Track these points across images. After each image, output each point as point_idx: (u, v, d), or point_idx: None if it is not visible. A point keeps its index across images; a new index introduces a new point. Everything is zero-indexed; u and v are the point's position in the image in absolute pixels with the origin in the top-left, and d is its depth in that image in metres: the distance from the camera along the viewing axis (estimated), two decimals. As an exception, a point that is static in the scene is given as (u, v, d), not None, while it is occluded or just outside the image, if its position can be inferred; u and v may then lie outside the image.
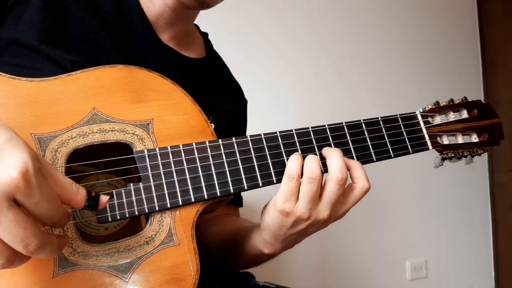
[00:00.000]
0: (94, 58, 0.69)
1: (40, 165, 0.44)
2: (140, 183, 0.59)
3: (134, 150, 0.61)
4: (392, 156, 0.73)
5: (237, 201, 0.95)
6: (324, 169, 0.65)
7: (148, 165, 0.60)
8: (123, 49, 0.74)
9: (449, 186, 2.21)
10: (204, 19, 0.98)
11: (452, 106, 0.78)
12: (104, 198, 0.51)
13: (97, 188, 0.66)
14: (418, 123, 0.76)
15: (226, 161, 0.64)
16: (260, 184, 0.65)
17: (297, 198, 0.63)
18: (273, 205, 0.64)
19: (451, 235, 2.21)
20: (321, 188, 0.63)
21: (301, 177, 0.63)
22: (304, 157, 0.64)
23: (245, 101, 0.99)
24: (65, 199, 0.48)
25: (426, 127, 0.76)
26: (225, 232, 0.83)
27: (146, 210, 0.59)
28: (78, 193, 0.48)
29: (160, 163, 0.61)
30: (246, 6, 1.83)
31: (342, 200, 0.66)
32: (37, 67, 0.65)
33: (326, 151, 0.65)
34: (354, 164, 0.66)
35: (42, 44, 0.66)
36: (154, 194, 0.60)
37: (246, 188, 0.65)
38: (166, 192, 0.60)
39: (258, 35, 1.85)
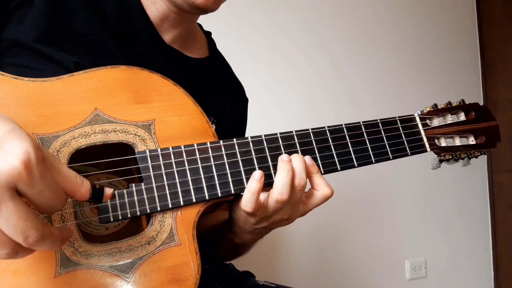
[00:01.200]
0: (97, 60, 0.69)
1: (44, 156, 0.44)
2: (142, 184, 0.60)
3: (136, 151, 0.61)
4: (391, 158, 0.74)
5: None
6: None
7: (150, 165, 0.61)
8: (126, 50, 0.74)
9: (448, 186, 2.22)
10: (205, 20, 0.98)
11: (450, 109, 0.78)
12: (108, 191, 0.52)
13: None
14: (416, 126, 0.77)
15: (227, 162, 0.65)
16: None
17: (258, 206, 0.65)
18: (239, 204, 0.66)
19: (451, 235, 2.21)
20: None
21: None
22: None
23: (246, 100, 0.99)
24: (69, 191, 0.48)
25: (424, 130, 0.77)
26: (212, 222, 0.85)
27: (148, 211, 0.59)
28: (82, 185, 0.48)
29: (161, 164, 0.61)
30: (246, 7, 1.83)
31: (304, 200, 0.69)
32: (40, 68, 0.65)
33: (279, 163, 0.66)
34: (312, 173, 0.68)
35: (45, 45, 0.66)
36: (156, 195, 0.60)
37: (246, 188, 0.65)
38: (167, 192, 0.61)
39: (258, 35, 1.85)
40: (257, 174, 0.63)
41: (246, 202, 0.63)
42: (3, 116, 0.45)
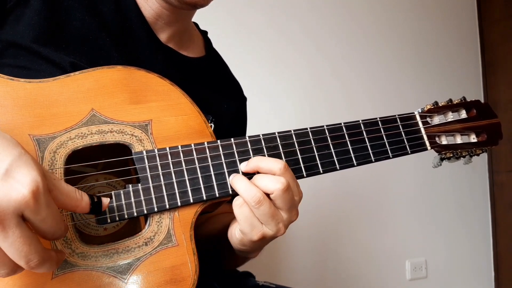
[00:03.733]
0: (93, 60, 0.69)
1: (47, 180, 0.46)
2: (139, 184, 0.60)
3: (132, 151, 0.61)
4: (391, 156, 0.73)
5: None
6: (249, 177, 0.63)
7: (147, 166, 0.60)
8: (122, 50, 0.74)
9: (448, 186, 2.21)
10: (201, 20, 0.98)
11: (451, 106, 0.78)
12: (105, 201, 0.54)
13: (96, 188, 0.66)
14: (416, 124, 0.76)
15: (225, 162, 0.64)
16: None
17: (260, 221, 0.62)
18: (243, 236, 0.64)
19: (451, 235, 2.21)
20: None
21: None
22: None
23: (245, 99, 0.99)
24: (70, 207, 0.50)
25: (424, 128, 0.76)
26: (215, 229, 0.83)
27: (145, 212, 0.59)
28: (82, 200, 0.51)
29: (158, 164, 0.61)
30: (242, 7, 1.82)
31: (280, 206, 0.63)
32: (37, 69, 0.65)
33: (231, 182, 0.63)
34: (254, 177, 0.63)
35: (41, 46, 0.66)
36: (153, 196, 0.60)
37: (245, 189, 0.65)
38: (164, 193, 0.60)
39: (254, 36, 1.85)
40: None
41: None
42: (7, 138, 0.46)
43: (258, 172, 0.64)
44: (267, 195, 0.61)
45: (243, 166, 0.64)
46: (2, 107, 0.55)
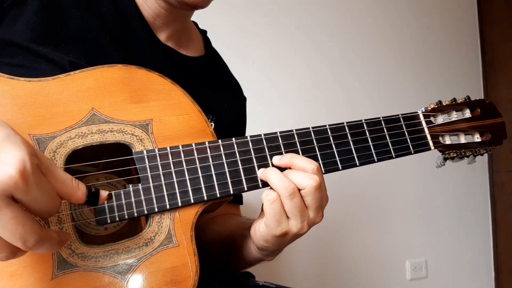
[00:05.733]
0: (93, 59, 0.68)
1: (39, 161, 0.45)
2: (139, 184, 0.59)
3: (133, 151, 0.60)
4: (394, 156, 0.72)
5: (237, 199, 0.95)
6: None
7: (147, 166, 0.60)
8: (122, 49, 0.73)
9: (449, 186, 2.21)
10: (201, 20, 0.98)
11: (455, 106, 0.77)
12: (104, 193, 0.52)
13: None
14: (420, 123, 0.75)
15: (226, 161, 0.64)
16: (260, 185, 0.65)
17: (287, 216, 0.63)
18: (267, 231, 0.64)
19: (451, 235, 2.20)
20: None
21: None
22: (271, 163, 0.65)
23: (244, 98, 0.99)
24: (65, 195, 0.48)
25: (428, 127, 0.75)
26: (224, 233, 0.83)
27: (145, 212, 0.59)
28: (78, 189, 0.49)
29: (159, 164, 0.60)
30: (241, 8, 1.82)
31: (309, 205, 0.64)
32: (36, 68, 0.65)
33: (263, 174, 0.64)
34: (287, 171, 0.64)
35: (40, 45, 0.66)
36: (153, 196, 0.59)
37: (246, 189, 0.64)
38: (165, 193, 0.60)
39: (253, 36, 1.84)
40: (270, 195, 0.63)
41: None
42: None
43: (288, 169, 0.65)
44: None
45: (276, 160, 0.65)
46: (2, 107, 0.55)
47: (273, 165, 0.65)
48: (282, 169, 0.65)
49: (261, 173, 0.64)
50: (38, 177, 0.44)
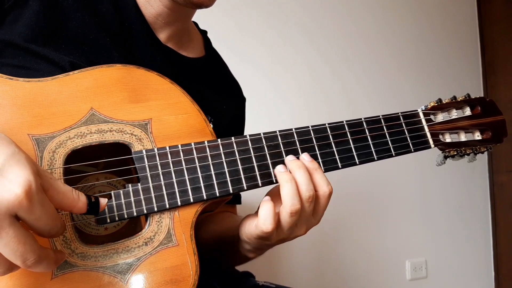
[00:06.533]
0: (93, 59, 0.68)
1: (41, 180, 0.45)
2: (139, 184, 0.59)
3: (132, 151, 0.60)
4: (394, 154, 0.72)
5: (235, 199, 0.95)
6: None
7: (147, 165, 0.60)
8: (122, 50, 0.73)
9: (449, 186, 2.21)
10: (201, 20, 0.98)
11: (455, 103, 0.77)
12: (103, 201, 0.53)
13: (97, 188, 0.66)
14: (420, 121, 0.75)
15: (225, 161, 0.64)
16: (260, 184, 0.65)
17: (277, 223, 0.63)
18: (255, 228, 0.65)
19: (451, 235, 2.20)
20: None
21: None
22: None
23: (244, 99, 0.99)
24: (67, 207, 0.49)
25: (428, 125, 0.75)
26: (218, 230, 0.84)
27: (145, 211, 0.59)
28: (79, 200, 0.50)
29: (158, 164, 0.60)
30: (241, 8, 1.82)
31: (316, 210, 0.67)
32: (36, 68, 0.65)
33: (278, 175, 0.65)
34: (312, 169, 0.66)
35: (40, 46, 0.66)
36: (153, 195, 0.59)
37: (245, 188, 0.64)
38: (164, 192, 0.60)
39: (253, 36, 1.84)
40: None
41: (264, 220, 0.62)
42: (1, 136, 0.46)
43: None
44: None
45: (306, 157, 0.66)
46: (1, 107, 0.55)
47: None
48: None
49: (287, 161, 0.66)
50: (42, 196, 0.45)
